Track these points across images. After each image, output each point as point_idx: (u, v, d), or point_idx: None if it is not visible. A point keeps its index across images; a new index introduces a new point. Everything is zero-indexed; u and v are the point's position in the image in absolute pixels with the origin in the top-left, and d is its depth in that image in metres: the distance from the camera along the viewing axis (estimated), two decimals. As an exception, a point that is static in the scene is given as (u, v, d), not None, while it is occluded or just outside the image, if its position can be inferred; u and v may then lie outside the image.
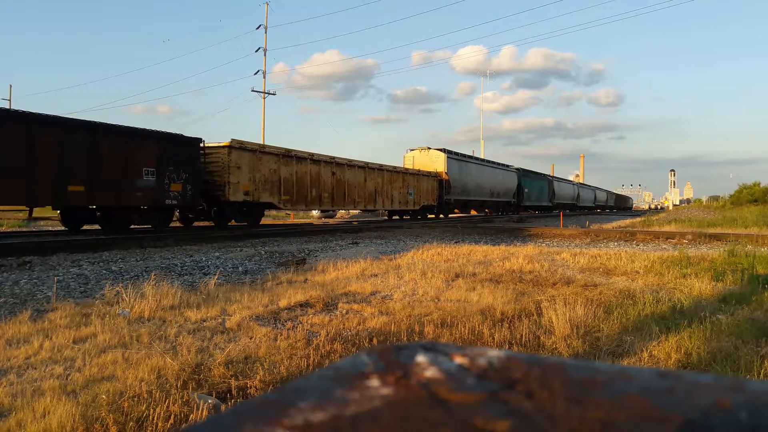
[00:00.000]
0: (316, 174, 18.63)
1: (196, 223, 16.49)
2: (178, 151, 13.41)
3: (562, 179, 59.27)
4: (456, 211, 32.77)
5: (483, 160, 36.28)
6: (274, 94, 41.60)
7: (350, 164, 20.83)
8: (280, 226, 17.71)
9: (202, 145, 14.39)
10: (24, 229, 14.68)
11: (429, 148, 29.07)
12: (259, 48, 39.99)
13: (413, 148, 29.61)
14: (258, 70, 40.26)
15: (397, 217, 26.90)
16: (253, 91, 39.63)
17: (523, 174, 40.74)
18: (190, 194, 13.69)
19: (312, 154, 18.37)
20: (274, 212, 25.21)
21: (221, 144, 14.78)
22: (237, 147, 14.98)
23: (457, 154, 30.97)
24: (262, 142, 17.22)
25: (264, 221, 24.73)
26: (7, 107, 27.92)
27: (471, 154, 36.61)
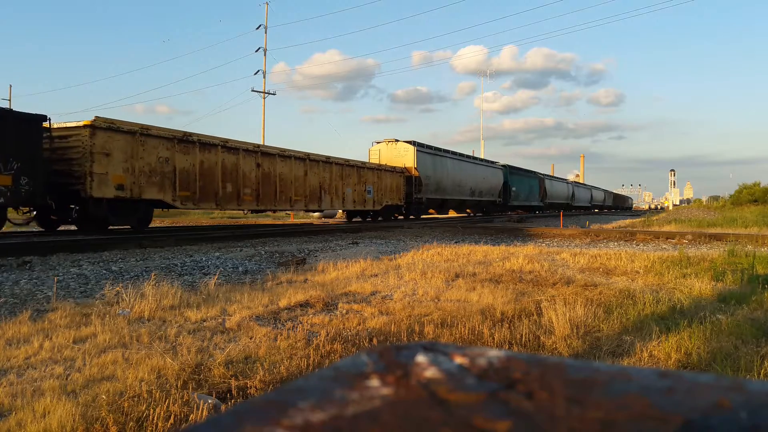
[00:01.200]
0: (233, 165, 15.30)
1: (63, 227, 13.55)
2: (7, 131, 10.30)
3: (556, 177, 55.91)
4: (431, 211, 29.36)
5: (462, 155, 31.58)
6: (274, 94, 41.64)
7: (284, 155, 17.42)
8: (280, 226, 17.71)
9: (47, 124, 11.31)
10: (24, 230, 14.68)
11: (396, 141, 25.43)
12: (259, 48, 40.02)
13: (380, 140, 26.04)
14: (258, 70, 40.28)
15: (358, 219, 23.53)
16: (253, 91, 39.66)
17: (510, 171, 37.66)
18: (26, 189, 10.60)
19: (226, 141, 15.20)
20: (271, 213, 23.43)
21: (80, 123, 11.63)
22: (104, 127, 11.78)
23: (430, 147, 27.58)
24: (180, 130, 14.19)
25: (264, 221, 24.49)
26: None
27: (455, 150, 32.44)
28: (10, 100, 43.14)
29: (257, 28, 40.27)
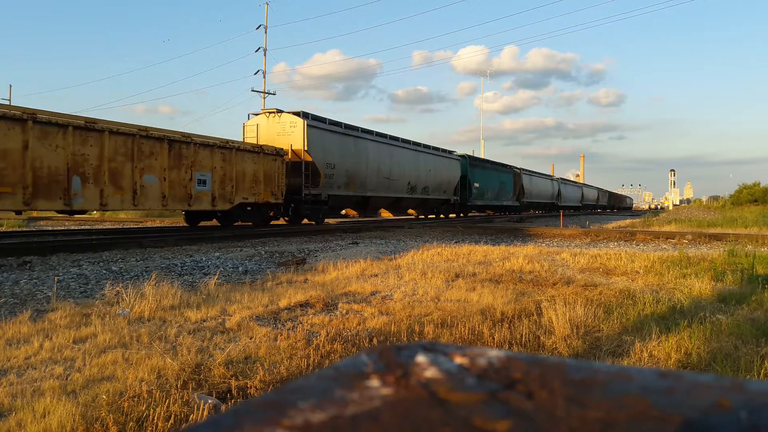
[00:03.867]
0: None
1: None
2: None
3: (537, 173, 46.11)
4: (348, 211, 23.12)
5: (396, 138, 23.75)
6: (274, 94, 41.59)
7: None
8: (280, 226, 17.70)
9: None
10: (24, 229, 14.68)
11: (280, 112, 17.69)
12: (259, 48, 39.97)
13: (258, 112, 18.54)
14: (258, 70, 40.24)
15: (213, 223, 16.85)
16: (253, 91, 39.64)
17: (472, 163, 30.66)
18: None
19: None
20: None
21: None
22: None
23: (336, 124, 19.25)
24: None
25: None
26: None
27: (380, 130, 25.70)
28: (9, 99, 43.16)
29: (257, 28, 40.24)
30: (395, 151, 23.11)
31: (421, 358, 0.40)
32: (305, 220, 18.57)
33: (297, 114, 17.67)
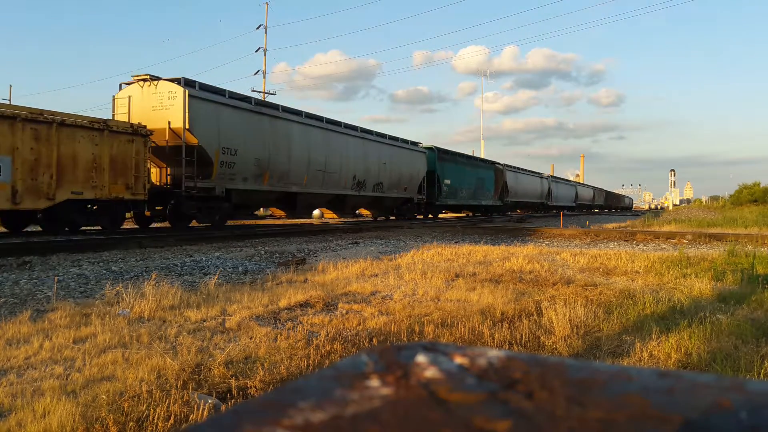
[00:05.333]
0: None
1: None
2: None
3: (524, 170, 41.76)
4: (275, 211, 19.76)
5: (334, 122, 19.12)
6: (274, 94, 41.52)
7: None
8: (280, 226, 17.70)
9: None
10: (24, 229, 14.66)
11: (156, 79, 13.59)
12: (259, 48, 39.98)
13: (130, 81, 14.05)
14: (258, 70, 40.23)
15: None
16: (253, 91, 39.63)
17: (442, 157, 26.39)
18: None
19: None
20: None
21: None
22: None
23: (237, 97, 15.07)
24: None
25: (264, 221, 23.79)
26: None
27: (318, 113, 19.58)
28: (10, 99, 43.15)
29: (257, 28, 40.22)
30: (334, 138, 18.28)
31: (421, 358, 0.40)
32: (195, 223, 14.40)
33: (177, 81, 13.42)
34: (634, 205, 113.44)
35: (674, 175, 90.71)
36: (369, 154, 20.61)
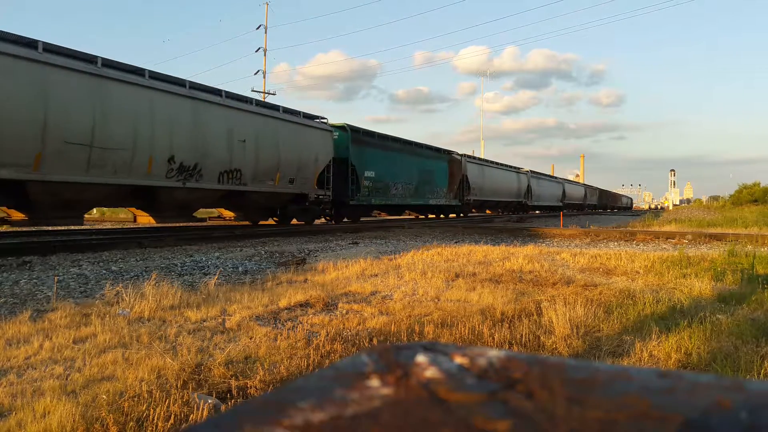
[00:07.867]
0: None
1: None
2: None
3: (495, 163, 34.87)
4: (13, 213, 9.95)
5: (116, 65, 10.86)
6: (274, 94, 41.51)
7: None
8: (280, 227, 17.69)
9: None
10: (24, 229, 14.67)
11: None
12: (259, 48, 39.96)
13: None
14: (258, 70, 40.19)
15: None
16: (253, 91, 39.61)
17: (358, 139, 19.50)
18: None
19: None
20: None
21: None
22: None
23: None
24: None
25: (264, 221, 23.45)
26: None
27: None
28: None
29: (257, 28, 40.19)
30: (116, 89, 10.56)
31: (421, 358, 0.40)
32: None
33: None
34: (634, 205, 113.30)
35: (674, 175, 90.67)
36: (209, 124, 12.88)
